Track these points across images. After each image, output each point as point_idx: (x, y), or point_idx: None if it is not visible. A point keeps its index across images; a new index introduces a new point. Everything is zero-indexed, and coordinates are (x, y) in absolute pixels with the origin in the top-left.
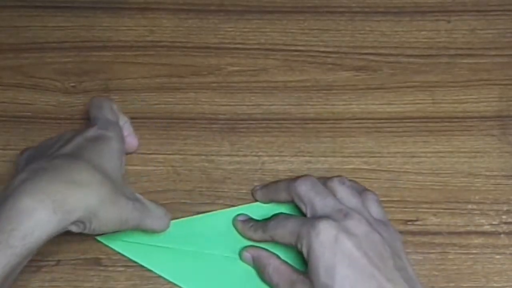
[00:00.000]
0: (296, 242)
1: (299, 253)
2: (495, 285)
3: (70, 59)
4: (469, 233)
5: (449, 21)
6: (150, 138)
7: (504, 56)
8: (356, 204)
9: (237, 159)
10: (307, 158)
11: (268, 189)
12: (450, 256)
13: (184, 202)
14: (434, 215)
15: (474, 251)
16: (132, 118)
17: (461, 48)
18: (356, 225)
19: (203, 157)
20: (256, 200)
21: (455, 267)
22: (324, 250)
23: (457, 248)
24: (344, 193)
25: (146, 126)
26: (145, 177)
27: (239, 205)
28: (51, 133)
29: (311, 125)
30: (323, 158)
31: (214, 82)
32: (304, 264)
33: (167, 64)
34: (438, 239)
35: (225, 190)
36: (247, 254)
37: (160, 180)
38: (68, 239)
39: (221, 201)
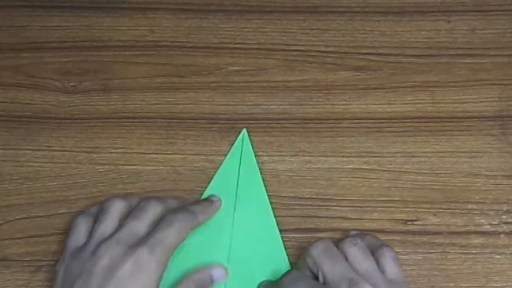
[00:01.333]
0: None
1: None
2: (495, 285)
3: (70, 59)
4: (469, 233)
5: (449, 21)
6: (150, 138)
7: (504, 56)
8: (367, 267)
9: None
10: (307, 158)
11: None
12: (450, 256)
13: None
14: (434, 215)
15: (474, 251)
16: (131, 117)
17: (461, 48)
18: None
19: (203, 157)
20: None
21: (455, 267)
22: None
23: (457, 248)
24: (355, 256)
25: (146, 126)
26: (145, 177)
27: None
28: (51, 133)
29: (311, 125)
30: (323, 158)
31: (214, 82)
32: None
33: (167, 64)
34: (438, 239)
35: None
36: None
37: (160, 180)
38: None
39: None
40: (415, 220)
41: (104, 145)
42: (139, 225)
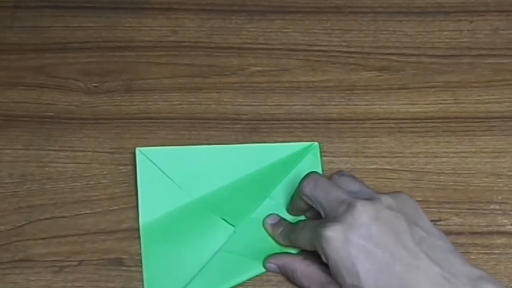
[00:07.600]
0: (315, 250)
1: None
2: None
3: (93, 59)
4: (491, 233)
5: (471, 21)
6: (172, 138)
7: None
8: (359, 187)
9: None
10: (329, 158)
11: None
12: (473, 256)
13: None
14: (457, 215)
15: (497, 251)
16: (154, 118)
17: (484, 48)
18: (361, 214)
19: None
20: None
21: None
22: (338, 253)
23: (480, 248)
24: (346, 181)
25: (168, 126)
26: None
27: None
28: (73, 133)
29: (333, 125)
30: (345, 158)
31: (236, 82)
32: None
33: (189, 64)
34: (460, 239)
35: None
36: (271, 265)
37: None
38: (90, 239)
39: None
40: (438, 221)
41: (127, 145)
42: None
